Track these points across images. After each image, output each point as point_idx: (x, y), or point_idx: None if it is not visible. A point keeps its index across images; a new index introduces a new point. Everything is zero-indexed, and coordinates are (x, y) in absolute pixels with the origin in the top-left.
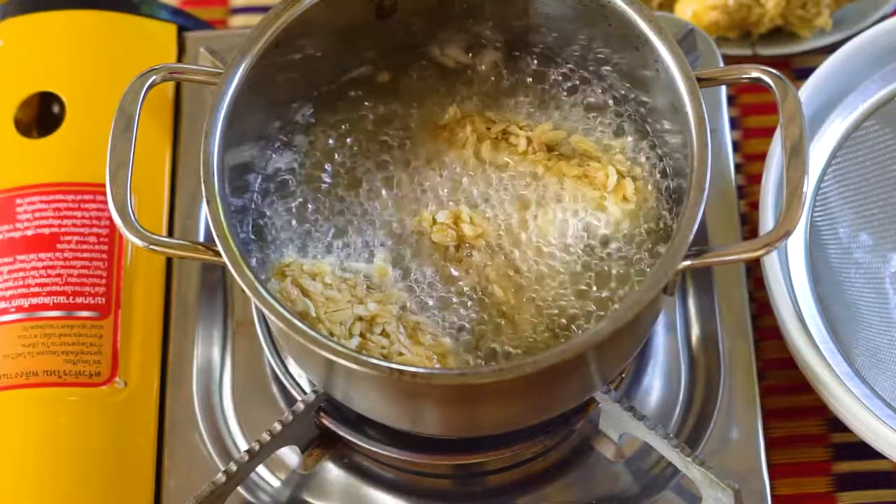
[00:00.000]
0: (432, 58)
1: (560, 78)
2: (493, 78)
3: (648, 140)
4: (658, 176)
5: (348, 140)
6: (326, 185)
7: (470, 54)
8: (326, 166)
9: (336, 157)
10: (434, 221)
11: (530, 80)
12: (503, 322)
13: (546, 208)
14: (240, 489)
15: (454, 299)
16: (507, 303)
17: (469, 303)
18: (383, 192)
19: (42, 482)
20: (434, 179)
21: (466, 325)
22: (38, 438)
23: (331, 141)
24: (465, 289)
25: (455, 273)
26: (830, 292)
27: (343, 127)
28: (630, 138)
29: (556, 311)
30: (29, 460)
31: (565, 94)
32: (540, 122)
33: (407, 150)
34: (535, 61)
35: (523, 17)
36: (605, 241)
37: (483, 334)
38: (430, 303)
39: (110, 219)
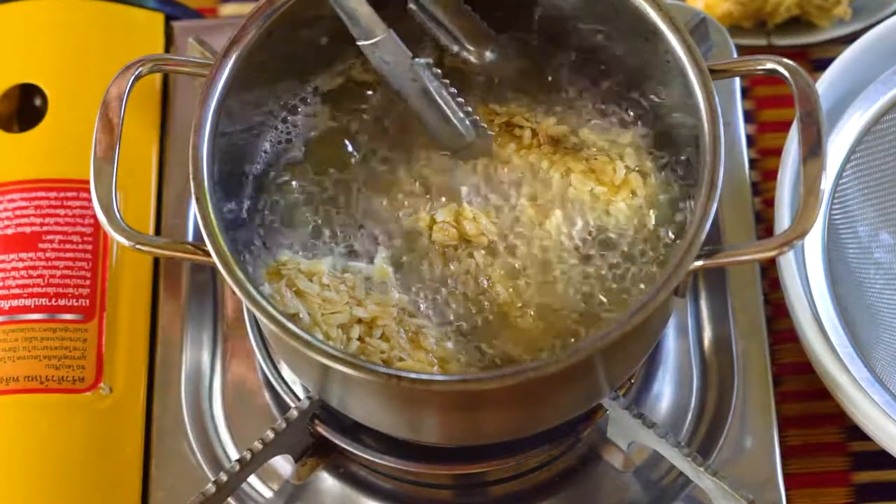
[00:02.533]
0: (433, 47)
1: (566, 69)
2: (495, 68)
3: (658, 134)
4: (669, 172)
5: (345, 134)
6: (323, 182)
7: (472, 44)
8: (323, 162)
9: (333, 151)
10: (433, 221)
11: (534, 70)
12: (507, 325)
13: (551, 205)
14: (230, 500)
15: (455, 301)
16: (511, 304)
17: (471, 305)
18: (382, 188)
19: (23, 493)
20: (434, 175)
21: (468, 327)
22: (19, 447)
23: (328, 135)
24: (466, 290)
25: (456, 274)
26: (849, 294)
27: (340, 120)
28: (639, 132)
29: (563, 313)
30: (9, 470)
31: (571, 85)
32: (545, 114)
33: (407, 144)
34: (540, 51)
35: (528, 5)
36: (613, 240)
37: (486, 338)
38: (431, 305)
39: (94, 217)
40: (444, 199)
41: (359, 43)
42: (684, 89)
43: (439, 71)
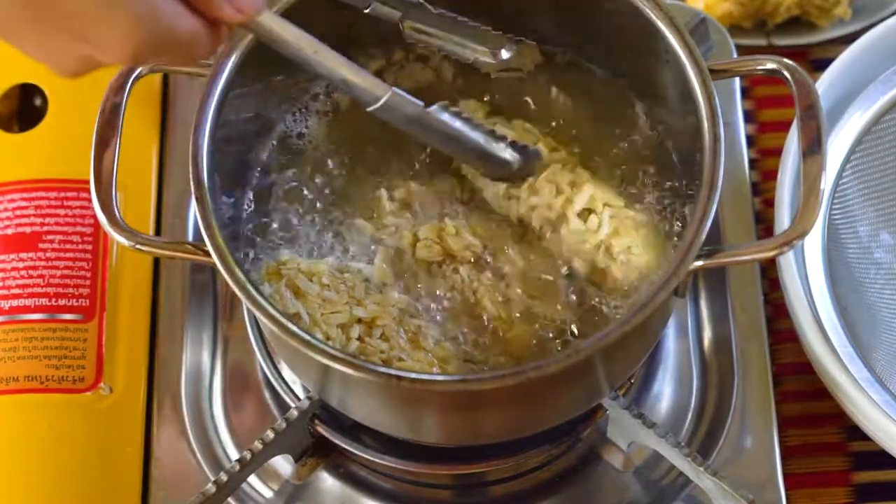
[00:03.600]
0: (433, 50)
1: (563, 69)
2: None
3: (657, 134)
4: (668, 174)
5: (347, 135)
6: (323, 184)
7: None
8: (323, 163)
9: (332, 154)
10: (416, 238)
11: (530, 71)
12: (497, 339)
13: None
14: (230, 500)
15: (444, 317)
16: (498, 318)
17: (458, 319)
18: (368, 202)
19: (23, 493)
20: (416, 191)
21: (458, 342)
22: (19, 447)
23: (327, 136)
24: (454, 305)
25: (443, 290)
26: (849, 294)
27: (342, 121)
28: (637, 132)
29: (551, 327)
30: (9, 470)
31: (568, 85)
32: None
33: (406, 154)
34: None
35: (523, 4)
36: (604, 252)
37: (473, 353)
38: (423, 320)
39: (94, 217)
40: (429, 213)
41: (367, 109)
42: (684, 89)
43: (458, 109)
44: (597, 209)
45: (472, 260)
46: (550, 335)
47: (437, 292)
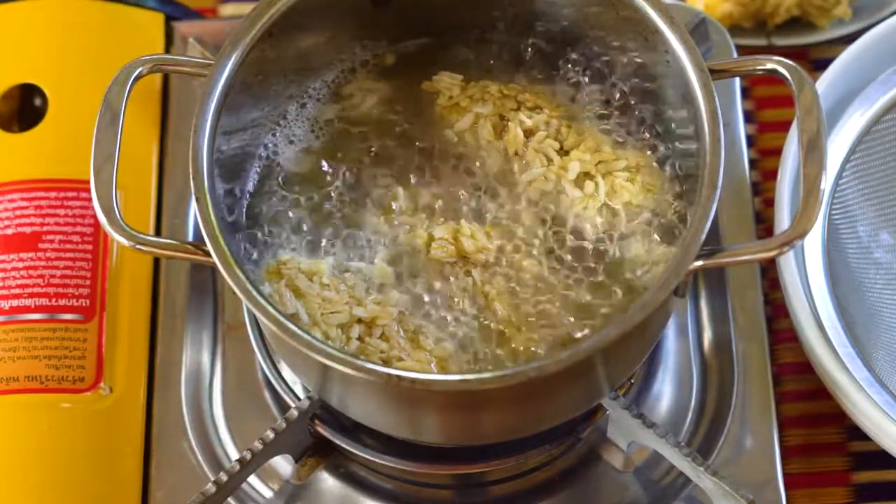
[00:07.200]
0: (434, 49)
1: (563, 69)
2: (494, 69)
3: (657, 134)
4: (668, 173)
5: (346, 134)
6: (323, 184)
7: (471, 46)
8: (323, 163)
9: (333, 153)
10: (431, 237)
11: (531, 71)
12: (505, 342)
13: (548, 219)
14: (230, 500)
15: (452, 317)
16: (508, 320)
17: (469, 321)
18: (381, 200)
19: (23, 493)
20: (433, 190)
21: (466, 344)
22: (20, 447)
23: (328, 135)
24: (464, 307)
25: (454, 290)
26: (849, 294)
27: (341, 121)
28: (637, 132)
29: (560, 331)
30: (9, 470)
31: (568, 86)
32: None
33: (407, 152)
34: (538, 52)
35: (526, 4)
36: (612, 252)
37: (482, 354)
38: (429, 320)
39: (95, 217)
40: (443, 213)
41: None
42: (684, 89)
43: None
44: (590, 171)
45: (485, 263)
46: (565, 341)
47: (448, 293)
